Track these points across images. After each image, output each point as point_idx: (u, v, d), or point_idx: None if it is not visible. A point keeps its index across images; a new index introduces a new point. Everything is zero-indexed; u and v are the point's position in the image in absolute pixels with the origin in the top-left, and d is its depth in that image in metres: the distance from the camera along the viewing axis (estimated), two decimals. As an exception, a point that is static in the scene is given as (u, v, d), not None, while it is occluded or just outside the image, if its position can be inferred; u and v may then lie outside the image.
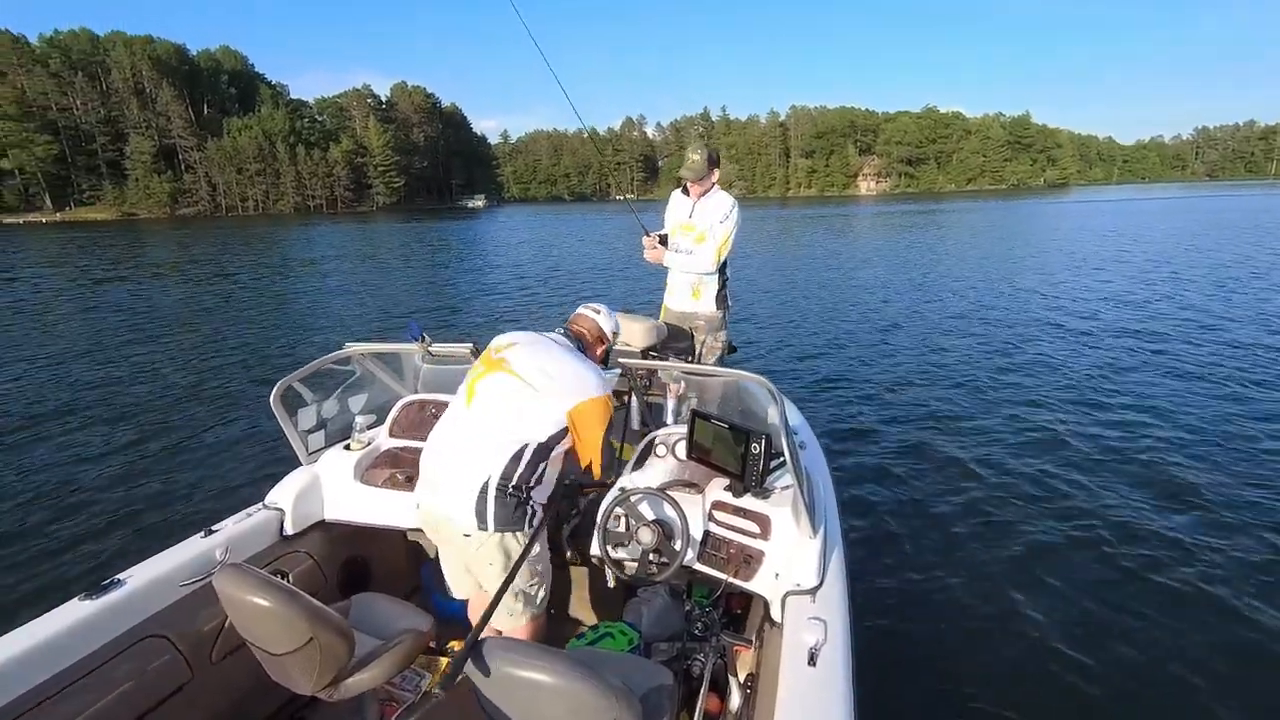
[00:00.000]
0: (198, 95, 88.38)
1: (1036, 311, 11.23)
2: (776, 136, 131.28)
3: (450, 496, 2.02)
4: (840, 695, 1.63)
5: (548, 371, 2.08)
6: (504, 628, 2.21)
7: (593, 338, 2.38)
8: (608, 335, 2.43)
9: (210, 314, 13.02)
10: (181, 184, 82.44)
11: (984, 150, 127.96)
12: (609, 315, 2.45)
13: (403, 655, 1.94)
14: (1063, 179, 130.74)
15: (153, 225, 58.86)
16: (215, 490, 4.99)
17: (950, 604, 3.57)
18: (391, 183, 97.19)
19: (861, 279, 16.00)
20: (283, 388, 2.56)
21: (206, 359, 9.25)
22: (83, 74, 77.65)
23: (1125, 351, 8.38)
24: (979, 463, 5.24)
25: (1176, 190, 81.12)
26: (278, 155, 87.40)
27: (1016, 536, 4.19)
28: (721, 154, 59.75)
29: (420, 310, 13.36)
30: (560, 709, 1.39)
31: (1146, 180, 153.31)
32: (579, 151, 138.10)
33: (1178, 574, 3.74)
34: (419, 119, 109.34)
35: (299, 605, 1.67)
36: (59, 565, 4.02)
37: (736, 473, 2.24)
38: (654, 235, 4.15)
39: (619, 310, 2.84)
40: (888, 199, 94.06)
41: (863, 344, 9.46)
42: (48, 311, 13.70)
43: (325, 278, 18.98)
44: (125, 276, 19.86)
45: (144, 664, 1.97)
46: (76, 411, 7.00)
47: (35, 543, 4.27)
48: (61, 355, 9.67)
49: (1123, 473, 4.96)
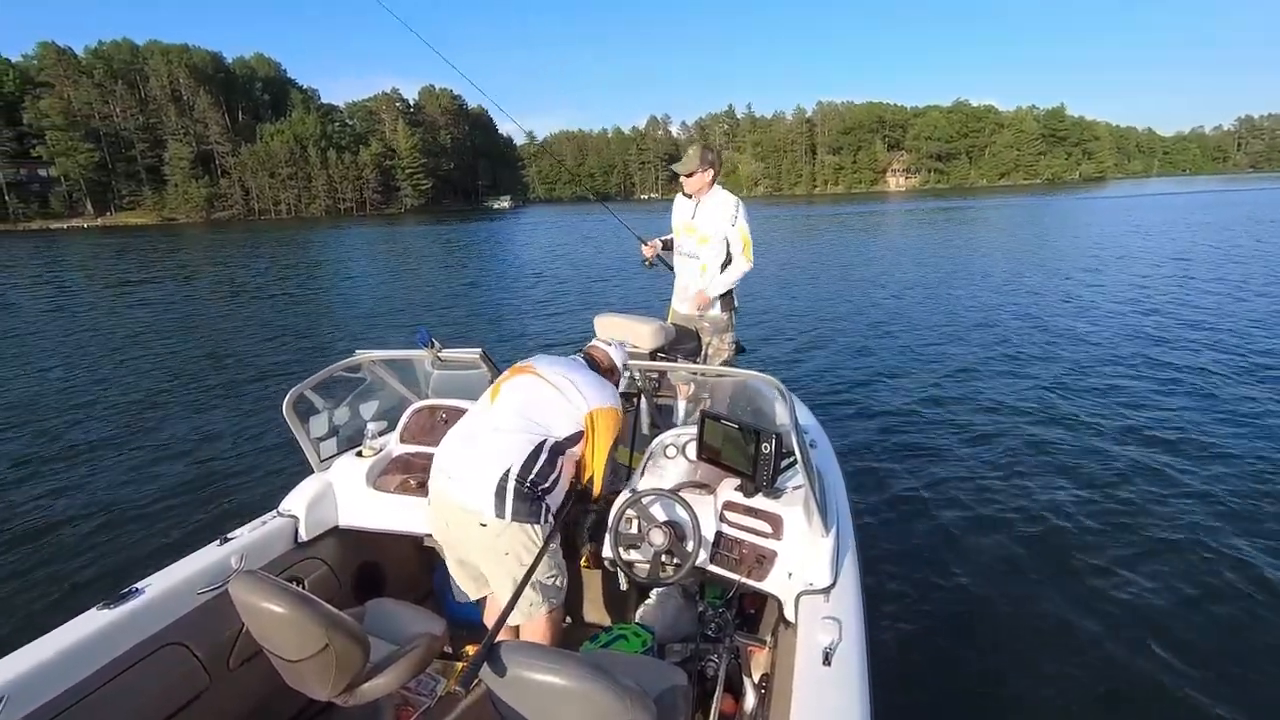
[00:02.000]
0: (233, 102, 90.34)
1: (1057, 313, 10.97)
2: (803, 133, 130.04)
3: (470, 485, 2.05)
4: (856, 695, 1.62)
5: (571, 378, 2.25)
6: (522, 623, 2.23)
7: (605, 367, 2.50)
8: (619, 368, 2.57)
9: (229, 320, 13.17)
10: (217, 189, 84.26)
11: (1017, 144, 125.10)
12: (620, 350, 2.62)
13: (418, 660, 1.96)
14: (1100, 173, 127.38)
15: (188, 229, 60.39)
16: (229, 498, 5.04)
17: (966, 602, 3.54)
18: (419, 185, 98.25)
19: (878, 278, 15.84)
20: (294, 396, 2.59)
21: (222, 366, 9.33)
22: (122, 83, 79.92)
23: (1165, 363, 7.93)
24: (994, 462, 5.20)
25: (1218, 183, 78.44)
26: (309, 159, 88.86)
27: (1032, 535, 4.15)
28: (747, 152, 59.25)
29: (436, 314, 13.43)
30: (575, 711, 1.39)
31: (1187, 173, 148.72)
32: (603, 151, 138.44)
33: (1217, 577, 3.64)
34: (446, 121, 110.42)
35: (314, 611, 1.69)
36: (77, 574, 4.07)
37: (747, 473, 2.23)
38: (654, 241, 4.18)
39: (626, 313, 2.88)
40: (917, 195, 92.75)
41: (875, 344, 9.40)
42: (68, 318, 13.94)
43: (346, 282, 19.20)
44: (152, 280, 20.37)
45: (163, 672, 2.00)
46: (92, 420, 7.09)
47: (53, 553, 4.33)
48: (80, 362, 9.84)
49: (1142, 479, 4.83)
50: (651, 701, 1.47)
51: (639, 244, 4.29)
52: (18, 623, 3.57)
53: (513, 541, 2.06)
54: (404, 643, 2.00)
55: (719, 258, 3.89)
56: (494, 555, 2.10)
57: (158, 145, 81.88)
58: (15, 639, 1.83)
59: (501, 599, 2.24)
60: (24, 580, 4.03)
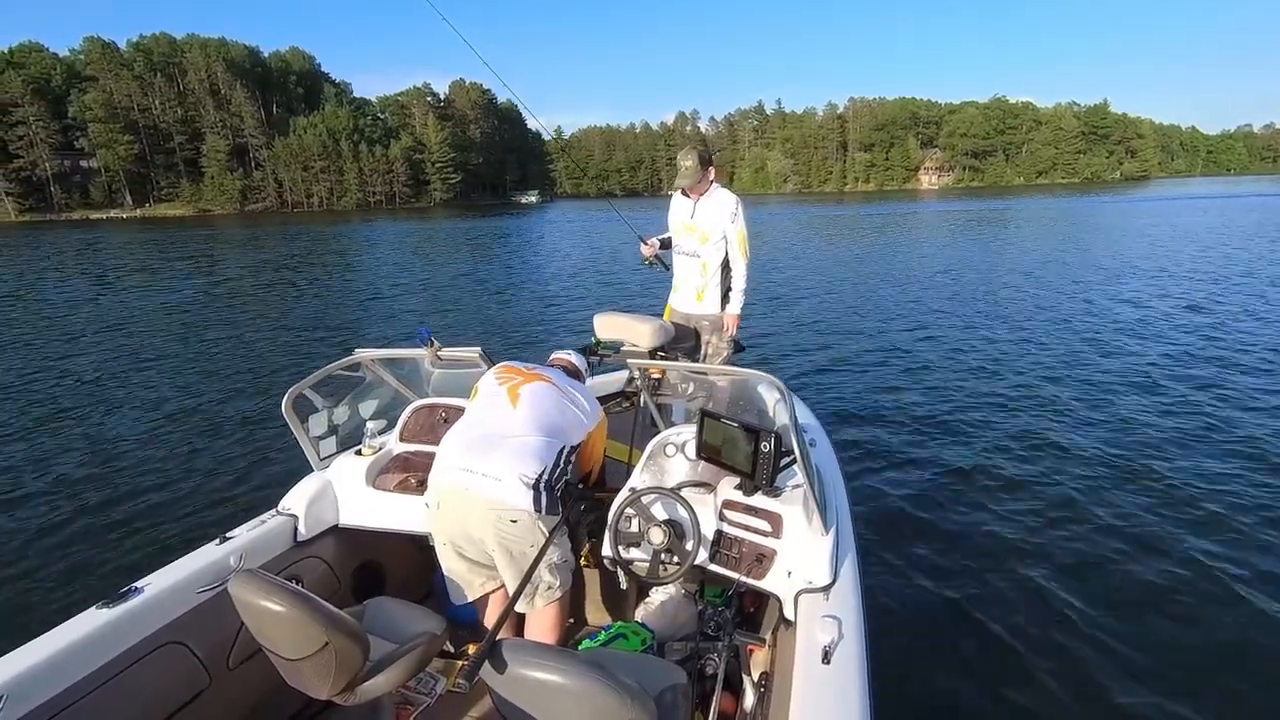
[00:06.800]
0: (268, 95, 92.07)
1: (1073, 318, 10.66)
2: (834, 129, 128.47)
3: (506, 482, 2.11)
4: (855, 693, 1.62)
5: (576, 391, 2.47)
6: (530, 613, 2.27)
7: (575, 372, 2.74)
8: (583, 372, 2.82)
9: (240, 315, 13.11)
10: (251, 181, 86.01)
11: (1056, 142, 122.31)
12: (578, 356, 2.88)
13: (418, 659, 1.96)
14: (1143, 172, 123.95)
15: (222, 221, 61.39)
16: (228, 497, 5.04)
17: (965, 600, 3.52)
18: (448, 179, 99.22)
19: (882, 278, 15.67)
20: (294, 395, 2.60)
21: (225, 364, 9.28)
22: (161, 76, 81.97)
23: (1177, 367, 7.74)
24: (994, 462, 5.18)
25: (1269, 184, 75.55)
26: (341, 153, 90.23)
27: (1033, 535, 4.12)
28: (776, 148, 58.60)
29: (450, 311, 13.42)
30: (575, 710, 1.39)
31: (1233, 173, 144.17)
32: (631, 147, 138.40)
33: (1218, 578, 3.62)
34: (475, 115, 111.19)
35: (313, 610, 1.69)
36: (77, 573, 4.07)
37: (747, 471, 2.21)
38: (653, 240, 4.18)
39: (626, 312, 2.91)
40: (950, 194, 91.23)
41: (875, 344, 9.34)
42: (74, 311, 13.90)
43: (368, 277, 19.19)
44: (175, 274, 20.50)
45: (162, 671, 2.01)
46: (92, 417, 7.10)
47: (52, 552, 4.33)
48: (84, 356, 9.84)
49: (1143, 479, 4.81)
50: (651, 700, 1.48)
51: (639, 243, 4.30)
52: (17, 622, 3.57)
53: (539, 536, 2.14)
54: (404, 641, 2.00)
55: (719, 255, 3.89)
56: (518, 548, 2.15)
57: (195, 138, 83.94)
58: (14, 638, 1.84)
59: (503, 597, 2.29)
60: (23, 579, 4.03)
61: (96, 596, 2.03)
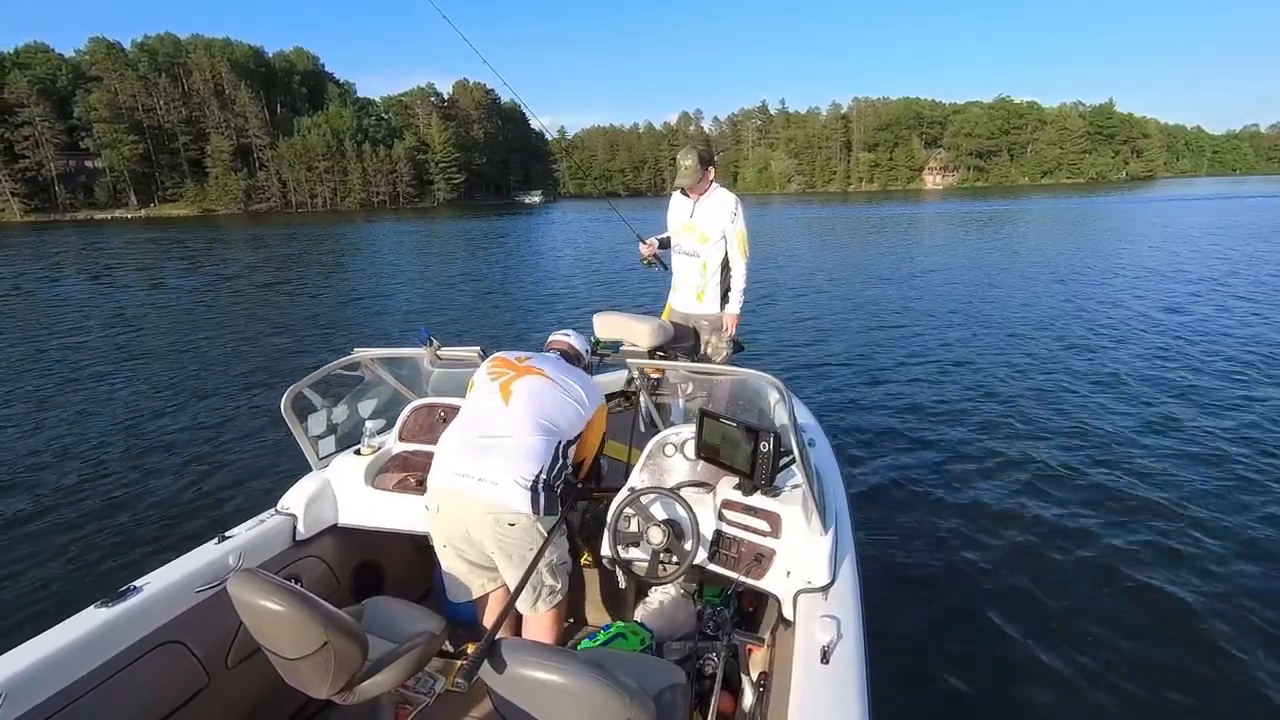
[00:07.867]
0: (272, 95, 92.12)
1: (1070, 310, 10.76)
2: (838, 129, 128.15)
3: (502, 485, 2.09)
4: (854, 692, 1.62)
5: (572, 380, 2.37)
6: (527, 614, 2.26)
7: (574, 356, 2.61)
8: (584, 354, 2.69)
9: (240, 316, 13.12)
10: (255, 181, 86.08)
11: (1061, 142, 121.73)
12: (579, 337, 2.75)
13: (417, 658, 1.97)
14: (1149, 172, 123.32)
15: (226, 221, 61.46)
16: (228, 497, 5.06)
17: (965, 600, 3.53)
18: (452, 179, 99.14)
19: (884, 279, 15.65)
20: (293, 394, 2.61)
21: (225, 363, 9.29)
22: (166, 76, 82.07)
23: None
24: (995, 462, 5.18)
25: (1277, 185, 75.07)
26: (345, 153, 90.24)
27: (1033, 535, 4.13)
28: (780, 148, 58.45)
29: (451, 311, 13.43)
30: (574, 709, 1.39)
31: (1238, 173, 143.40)
32: (634, 147, 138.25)
33: (1219, 579, 3.61)
34: (479, 115, 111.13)
35: (312, 609, 1.69)
36: (76, 573, 4.09)
37: (746, 471, 2.21)
38: (652, 240, 4.17)
39: (625, 311, 2.89)
40: (955, 194, 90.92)
41: (876, 344, 9.34)
42: (74, 311, 13.90)
43: (368, 277, 19.21)
44: (176, 274, 20.63)
45: (161, 670, 2.01)
46: (91, 415, 7.13)
47: (51, 551, 4.35)
48: (84, 355, 9.85)
49: (1145, 480, 4.79)
50: (650, 700, 1.48)
51: (637, 242, 4.30)
52: (16, 621, 3.59)
53: (538, 538, 2.13)
54: (403, 641, 2.00)
55: (719, 255, 3.90)
56: (518, 551, 2.14)
57: (200, 138, 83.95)
58: (13, 637, 1.85)
59: (503, 597, 2.28)
60: (22, 579, 4.04)
61: (95, 596, 2.03)
